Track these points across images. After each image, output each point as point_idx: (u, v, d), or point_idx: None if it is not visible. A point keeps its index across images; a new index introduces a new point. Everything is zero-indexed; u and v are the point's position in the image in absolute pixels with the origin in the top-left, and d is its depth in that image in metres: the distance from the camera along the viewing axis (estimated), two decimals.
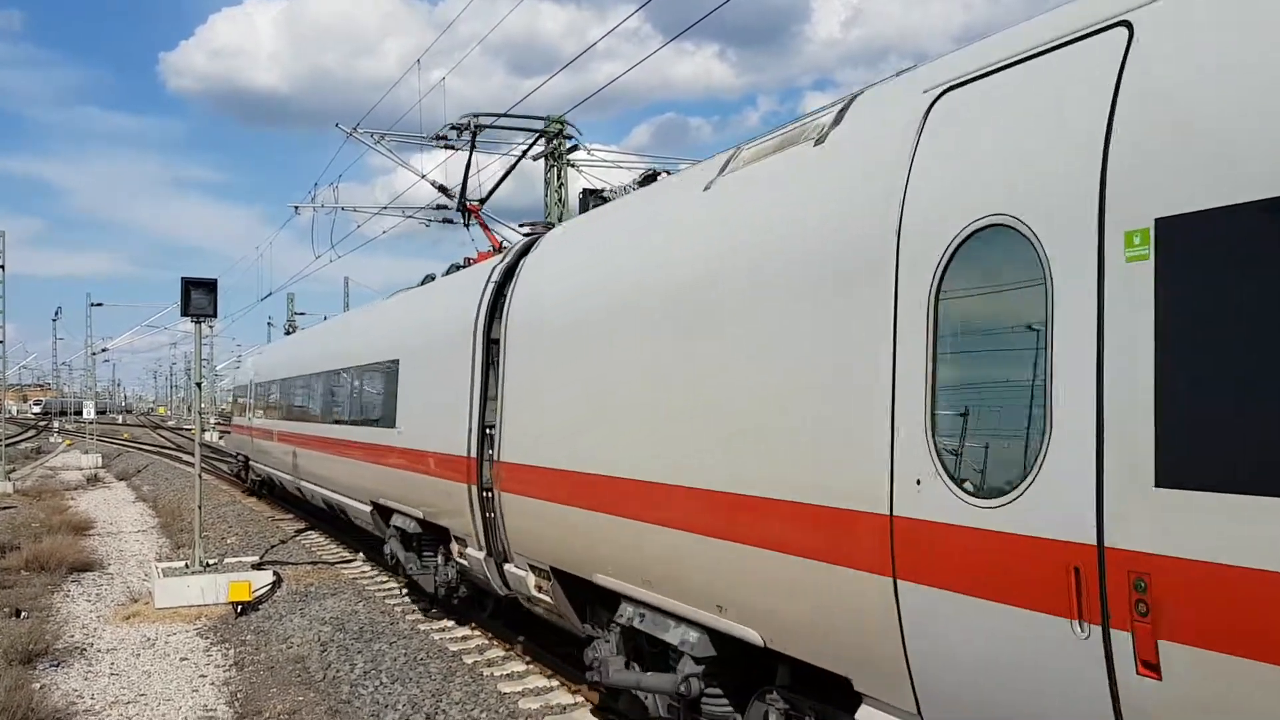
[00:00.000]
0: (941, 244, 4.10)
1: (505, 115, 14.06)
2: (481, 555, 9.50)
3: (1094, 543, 3.37)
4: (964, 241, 4.02)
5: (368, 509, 13.66)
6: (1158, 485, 3.19)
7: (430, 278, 13.35)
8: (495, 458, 8.69)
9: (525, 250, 9.36)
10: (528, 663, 10.24)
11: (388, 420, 12.28)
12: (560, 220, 20.46)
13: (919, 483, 4.09)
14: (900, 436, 4.20)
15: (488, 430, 9.08)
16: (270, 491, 25.72)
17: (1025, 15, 4.60)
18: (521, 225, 11.57)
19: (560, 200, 21.87)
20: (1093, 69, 3.61)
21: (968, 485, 3.92)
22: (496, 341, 9.08)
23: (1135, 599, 3.25)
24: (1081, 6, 3.83)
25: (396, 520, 12.32)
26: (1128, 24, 3.56)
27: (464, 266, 12.05)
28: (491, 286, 9.55)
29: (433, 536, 11.46)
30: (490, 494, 8.95)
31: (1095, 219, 3.46)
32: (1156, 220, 3.25)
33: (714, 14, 9.59)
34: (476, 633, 11.57)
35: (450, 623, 12.09)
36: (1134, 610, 3.26)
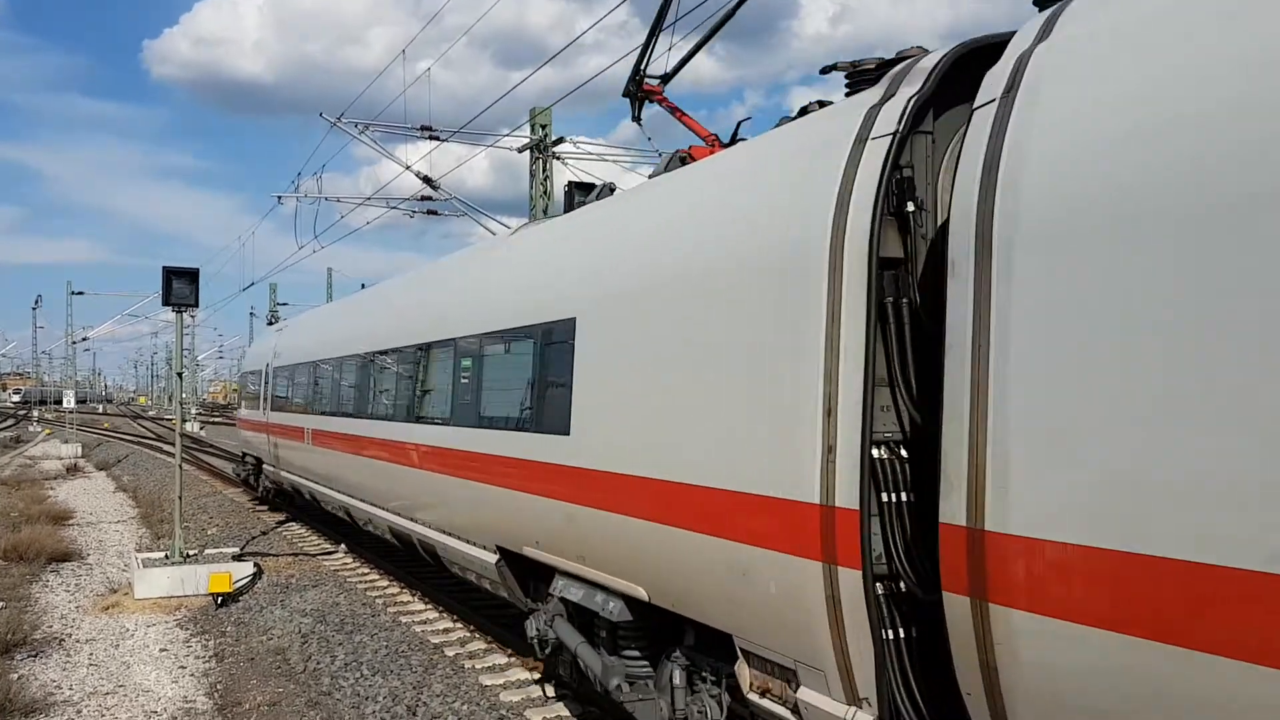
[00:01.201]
0: None
1: None
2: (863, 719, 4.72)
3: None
4: None
5: (491, 558, 8.80)
6: None
7: (609, 189, 8.65)
8: (972, 522, 3.92)
9: (975, 55, 4.68)
10: (509, 655, 10.24)
11: (549, 421, 7.44)
12: (545, 213, 20.44)
13: None
14: None
15: (878, 455, 4.60)
16: (289, 504, 21.00)
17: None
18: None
19: (545, 193, 21.83)
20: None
21: None
22: (894, 264, 4.65)
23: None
24: None
25: (567, 590, 7.44)
26: None
27: (688, 160, 7.44)
28: (873, 154, 4.67)
29: (637, 627, 6.80)
30: (895, 591, 4.59)
31: None
32: None
33: (703, 9, 9.56)
34: (459, 625, 11.55)
35: (433, 615, 12.07)
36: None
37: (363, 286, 20.16)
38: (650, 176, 7.90)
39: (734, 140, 7.53)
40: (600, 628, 7.12)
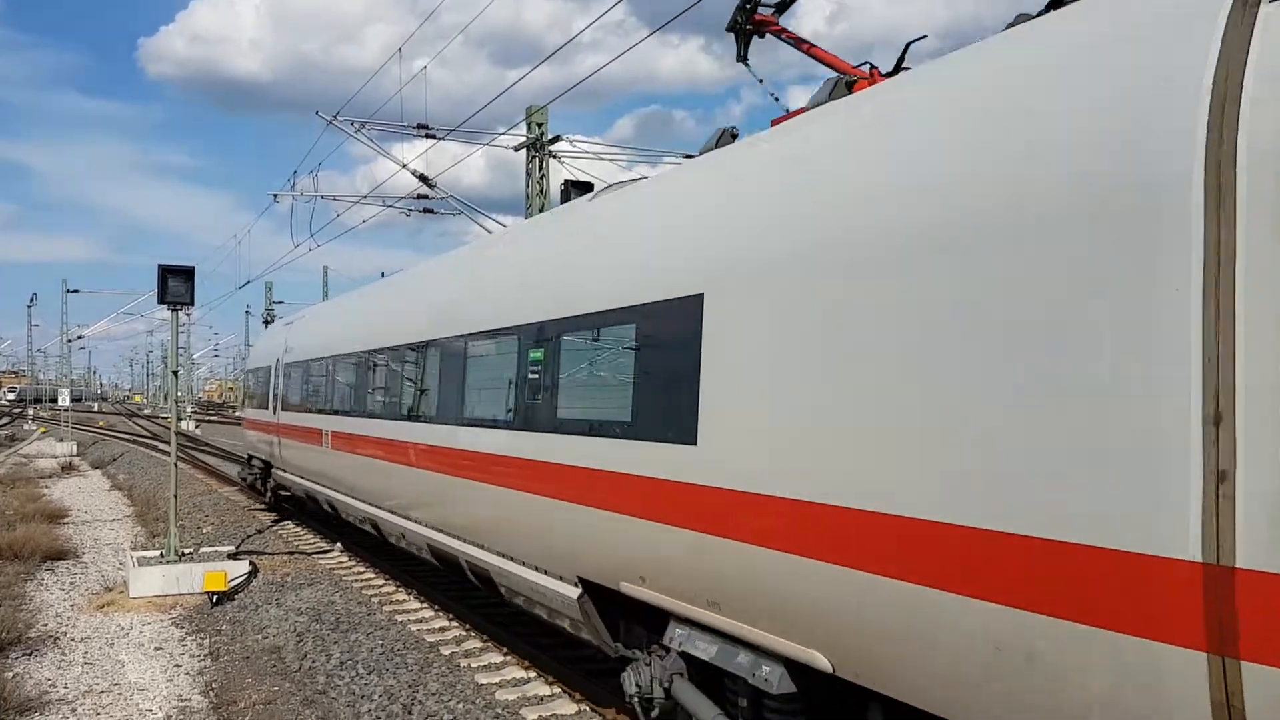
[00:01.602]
0: None
1: None
2: None
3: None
4: None
5: (570, 592, 7.28)
6: None
7: (731, 134, 6.93)
8: None
9: None
10: (505, 654, 10.24)
11: (663, 426, 5.84)
12: (542, 211, 20.45)
13: None
14: None
15: None
16: (300, 509, 19.73)
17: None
18: None
19: (541, 191, 21.83)
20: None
21: None
22: None
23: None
24: None
25: (692, 643, 5.92)
26: None
27: (854, 88, 5.82)
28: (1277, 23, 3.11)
29: (797, 697, 5.24)
30: None
31: None
32: None
33: (700, 7, 9.56)
34: (454, 624, 11.55)
35: (428, 613, 12.06)
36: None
37: (383, 274, 19.32)
38: (788, 113, 5.99)
39: (899, 67, 6.15)
40: (739, 694, 5.61)
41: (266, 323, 55.21)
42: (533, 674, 9.54)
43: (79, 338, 65.25)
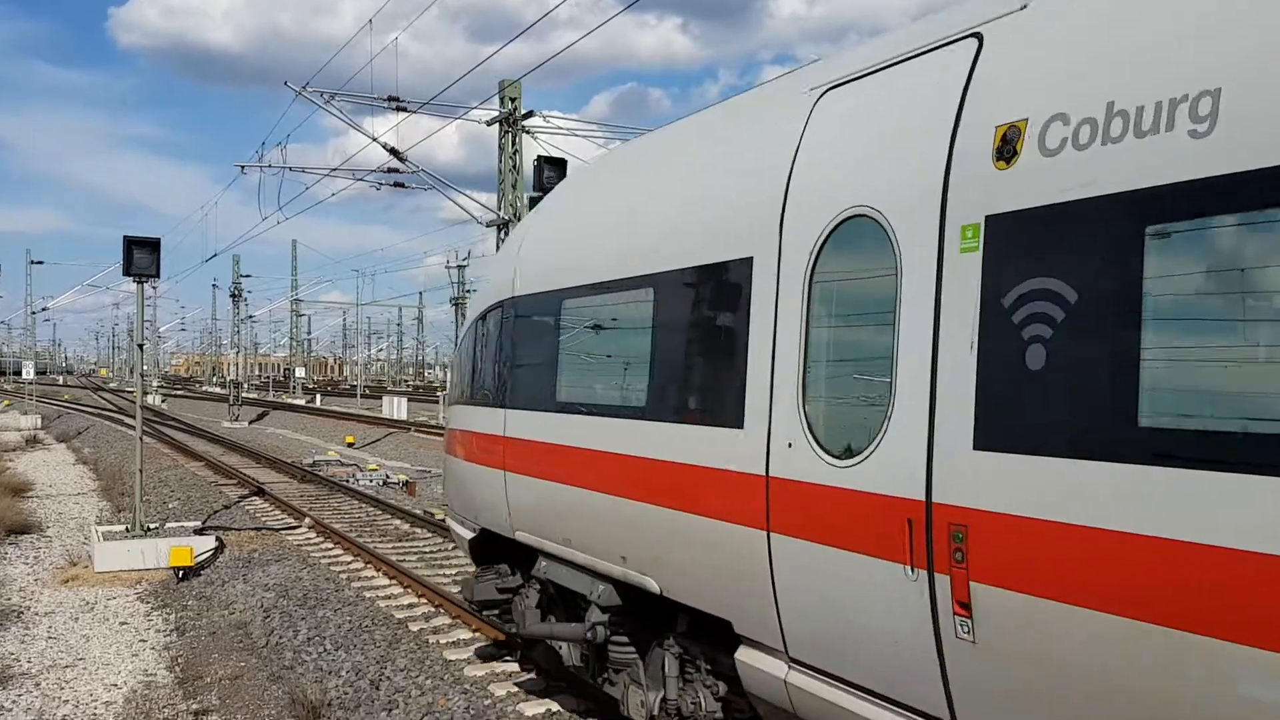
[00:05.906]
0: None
1: None
2: None
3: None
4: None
5: None
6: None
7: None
8: None
9: None
10: (474, 630, 10.25)
11: None
12: (515, 188, 20.31)
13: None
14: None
15: None
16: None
17: None
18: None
19: (515, 167, 21.69)
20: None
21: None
22: None
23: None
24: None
25: None
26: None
27: None
28: None
29: None
30: None
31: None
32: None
33: None
34: (423, 600, 11.54)
35: (397, 589, 12.05)
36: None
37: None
38: None
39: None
40: None
41: (234, 296, 54.09)
42: (502, 651, 9.55)
43: (43, 310, 64.40)
